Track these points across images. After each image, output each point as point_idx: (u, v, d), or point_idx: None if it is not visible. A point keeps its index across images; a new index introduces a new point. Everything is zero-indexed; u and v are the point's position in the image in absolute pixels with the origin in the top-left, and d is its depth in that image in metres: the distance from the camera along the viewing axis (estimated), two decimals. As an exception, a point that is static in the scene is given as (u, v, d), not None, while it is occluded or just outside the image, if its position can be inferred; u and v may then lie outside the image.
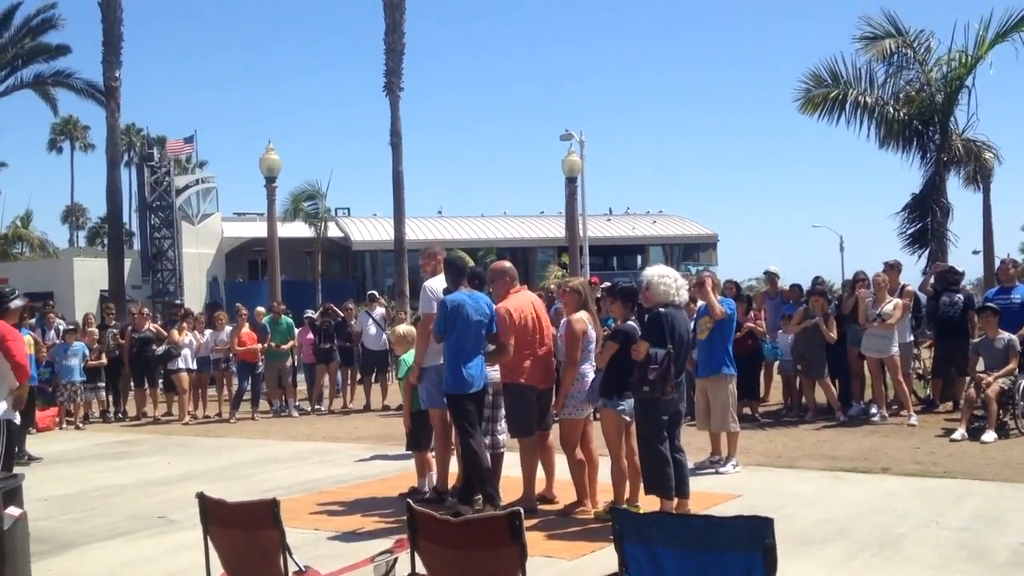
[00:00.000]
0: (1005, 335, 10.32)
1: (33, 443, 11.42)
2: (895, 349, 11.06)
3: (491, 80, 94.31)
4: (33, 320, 14.40)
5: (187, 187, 36.84)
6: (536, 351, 7.11)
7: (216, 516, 3.94)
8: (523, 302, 7.23)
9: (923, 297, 12.47)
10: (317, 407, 15.26)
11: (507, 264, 7.60)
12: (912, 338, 12.08)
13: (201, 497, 3.96)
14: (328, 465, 9.88)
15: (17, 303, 8.07)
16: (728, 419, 8.55)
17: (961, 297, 11.88)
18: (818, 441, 10.10)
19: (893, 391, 11.44)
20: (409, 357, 7.77)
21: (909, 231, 16.23)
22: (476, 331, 6.85)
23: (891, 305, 11.09)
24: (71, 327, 15.26)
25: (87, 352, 14.51)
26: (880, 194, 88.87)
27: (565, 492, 7.27)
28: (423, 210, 44.83)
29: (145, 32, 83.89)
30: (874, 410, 11.38)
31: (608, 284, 9.81)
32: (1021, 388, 10.10)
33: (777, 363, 12.75)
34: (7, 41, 24.59)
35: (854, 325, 11.52)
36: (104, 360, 14.93)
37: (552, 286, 15.03)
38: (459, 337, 6.80)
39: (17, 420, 7.63)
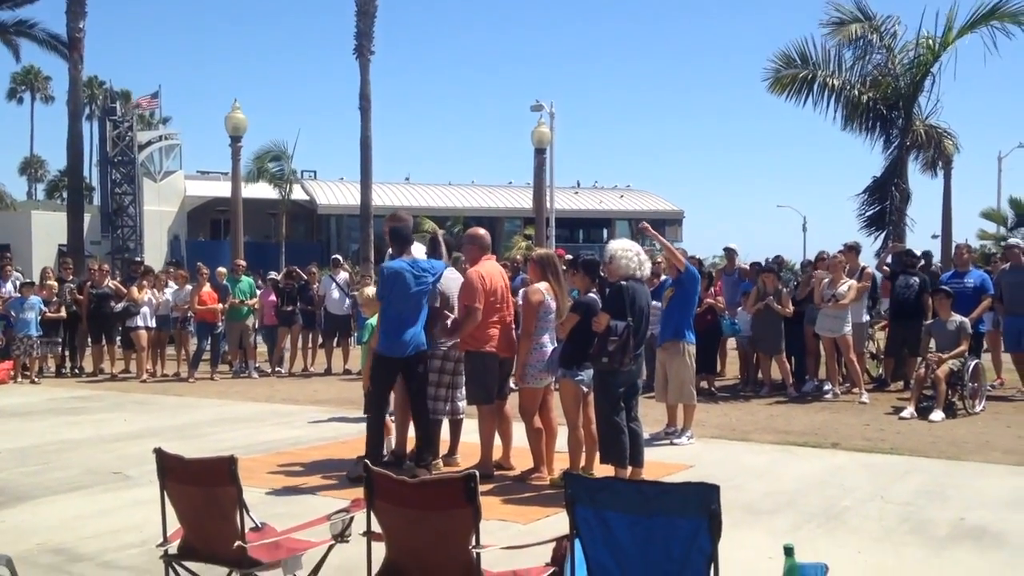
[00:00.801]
0: (957, 318, 10.56)
1: (-13, 397, 11.30)
2: (848, 329, 11.28)
3: (463, 48, 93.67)
4: (-10, 273, 14.18)
5: (150, 143, 36.20)
6: (503, 320, 7.19)
7: (173, 472, 3.96)
8: (493, 270, 7.29)
9: (879, 276, 12.70)
10: (277, 369, 15.23)
11: (482, 231, 7.64)
12: (868, 319, 12.31)
13: (159, 452, 3.97)
14: (287, 427, 9.90)
15: None
16: (685, 391, 8.69)
17: (917, 279, 12.12)
18: (771, 416, 10.30)
19: (846, 369, 11.68)
20: (374, 321, 7.79)
21: (868, 213, 16.48)
22: (416, 299, 6.96)
23: (846, 286, 11.30)
24: (28, 281, 15.04)
25: (43, 306, 14.33)
26: (844, 176, 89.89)
27: (522, 460, 7.37)
28: (390, 176, 44.47)
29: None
30: (827, 387, 11.61)
31: (571, 257, 9.87)
32: (970, 369, 10.37)
33: (733, 338, 12.94)
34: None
35: (810, 304, 11.73)
36: (63, 313, 14.76)
37: (518, 256, 15.05)
38: (396, 303, 6.93)
39: None
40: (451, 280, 7.39)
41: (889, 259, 13.11)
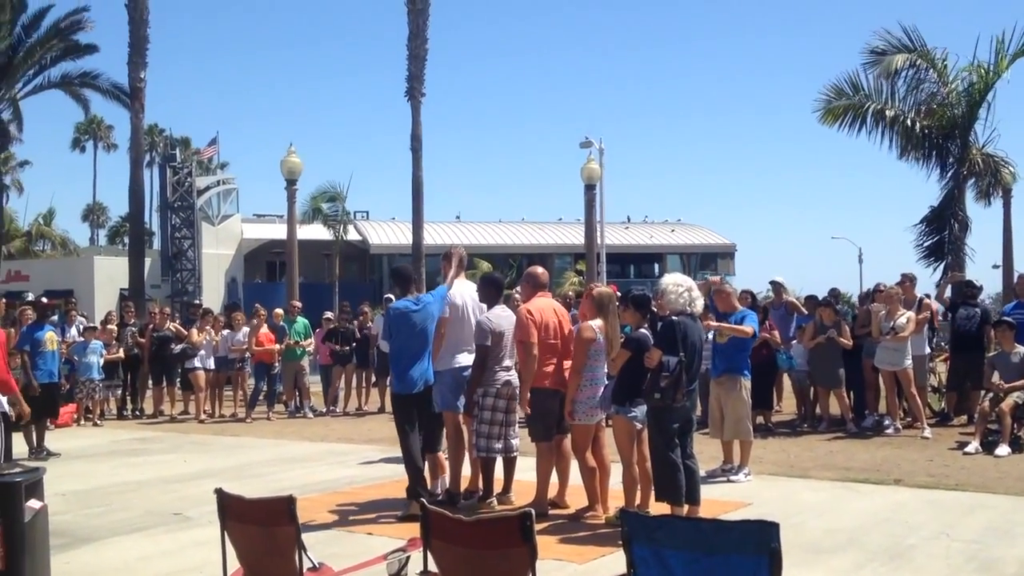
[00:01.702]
0: (1021, 349, 10.29)
1: (52, 439, 11.57)
2: (908, 362, 11.04)
3: (511, 86, 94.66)
4: (55, 317, 14.58)
5: (208, 188, 37.12)
6: (559, 355, 7.19)
7: (233, 511, 4.02)
8: (545, 305, 7.32)
9: (939, 307, 12.44)
10: (332, 408, 15.37)
11: (539, 269, 7.74)
12: (929, 351, 12.05)
13: (219, 492, 4.04)
14: (342, 466, 9.96)
15: None
16: (741, 427, 8.58)
17: (978, 311, 11.86)
18: (831, 452, 10.10)
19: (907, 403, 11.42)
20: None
21: (926, 243, 16.18)
22: (421, 336, 7.20)
23: (904, 318, 11.09)
24: (91, 325, 15.45)
25: (104, 350, 14.69)
26: (899, 206, 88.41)
27: (577, 498, 7.32)
28: (442, 215, 44.98)
29: (170, 33, 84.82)
30: (888, 422, 11.36)
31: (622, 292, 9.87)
32: (1036, 403, 10.07)
33: (791, 373, 12.74)
34: (36, 42, 24.88)
35: (868, 337, 11.52)
36: (121, 354, 15.10)
37: (571, 292, 15.06)
38: (403, 342, 7.22)
39: (7, 410, 7.77)
40: (503, 319, 7.42)
41: (948, 289, 12.84)
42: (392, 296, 17.15)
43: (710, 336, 9.08)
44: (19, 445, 10.42)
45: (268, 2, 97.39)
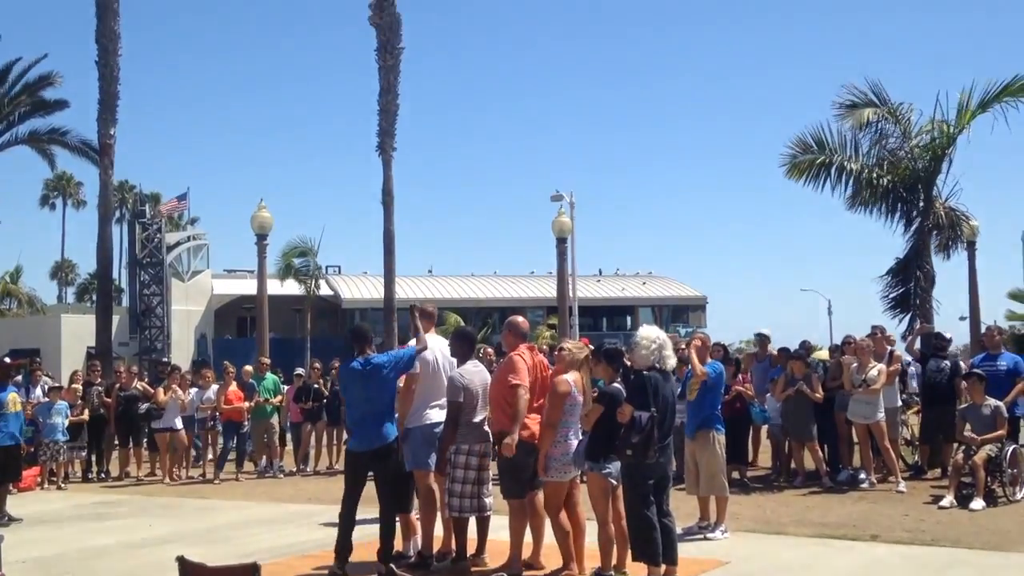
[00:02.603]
0: (992, 402, 10.35)
1: (14, 503, 11.24)
2: (880, 415, 11.07)
3: (482, 141, 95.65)
4: (20, 377, 14.30)
5: (178, 244, 36.98)
6: (538, 409, 7.08)
7: (196, 581, 3.90)
8: (527, 357, 7.23)
9: (907, 357, 12.52)
10: (302, 467, 15.12)
11: (520, 319, 7.61)
12: (900, 403, 12.10)
13: (181, 561, 3.93)
14: (312, 528, 9.75)
15: None
16: (716, 483, 8.52)
17: (948, 363, 11.95)
18: (807, 507, 10.05)
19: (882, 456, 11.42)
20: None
21: (892, 295, 16.33)
22: (374, 394, 7.18)
23: (875, 370, 11.14)
24: (56, 386, 15.15)
25: (69, 411, 14.38)
26: (867, 258, 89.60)
27: (552, 559, 7.19)
28: (414, 269, 44.96)
29: (140, 89, 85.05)
30: (863, 475, 11.35)
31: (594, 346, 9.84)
32: (1008, 455, 10.10)
33: (766, 427, 12.73)
34: (4, 98, 24.78)
35: (840, 390, 11.55)
36: (85, 416, 14.80)
37: (544, 346, 15.03)
38: (351, 400, 7.46)
39: None
40: (475, 374, 7.34)
41: (917, 341, 12.94)
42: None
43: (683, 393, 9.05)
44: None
45: (238, 58, 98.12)
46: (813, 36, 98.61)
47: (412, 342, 7.61)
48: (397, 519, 7.31)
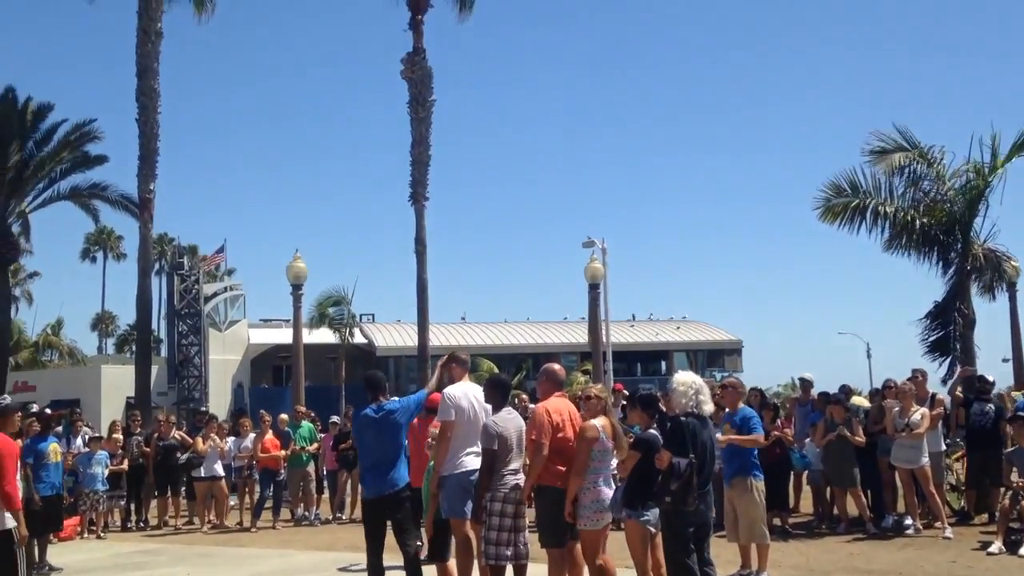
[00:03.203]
0: (1038, 444, 10.11)
1: (54, 552, 11.34)
2: (925, 460, 10.86)
3: (514, 188, 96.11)
4: (60, 428, 14.48)
5: (215, 295, 37.46)
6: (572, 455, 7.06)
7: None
8: (561, 405, 7.23)
9: (948, 400, 12.30)
10: (338, 515, 15.10)
11: (556, 367, 7.65)
12: (944, 447, 11.87)
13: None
14: (350, 576, 9.71)
15: (7, 409, 7.91)
16: (756, 530, 8.39)
17: (992, 406, 11.72)
18: (851, 554, 9.84)
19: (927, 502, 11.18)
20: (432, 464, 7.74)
21: (931, 338, 16.12)
22: (387, 441, 7.33)
23: (918, 414, 10.96)
24: (97, 436, 15.33)
25: (109, 461, 14.53)
26: (906, 300, 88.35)
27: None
28: (447, 316, 45.14)
29: (179, 144, 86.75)
30: (908, 522, 11.10)
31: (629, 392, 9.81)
32: (1058, 499, 9.85)
33: (806, 472, 12.52)
34: (46, 155, 25.39)
35: (883, 435, 11.36)
36: (125, 466, 14.93)
37: (579, 392, 15.01)
38: (364, 447, 7.56)
39: (9, 526, 7.44)
40: (509, 421, 7.32)
41: (960, 386, 12.72)
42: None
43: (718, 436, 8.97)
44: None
45: (273, 112, 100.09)
46: (845, 78, 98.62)
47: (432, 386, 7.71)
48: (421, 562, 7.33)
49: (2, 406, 7.91)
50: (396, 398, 7.78)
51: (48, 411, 13.70)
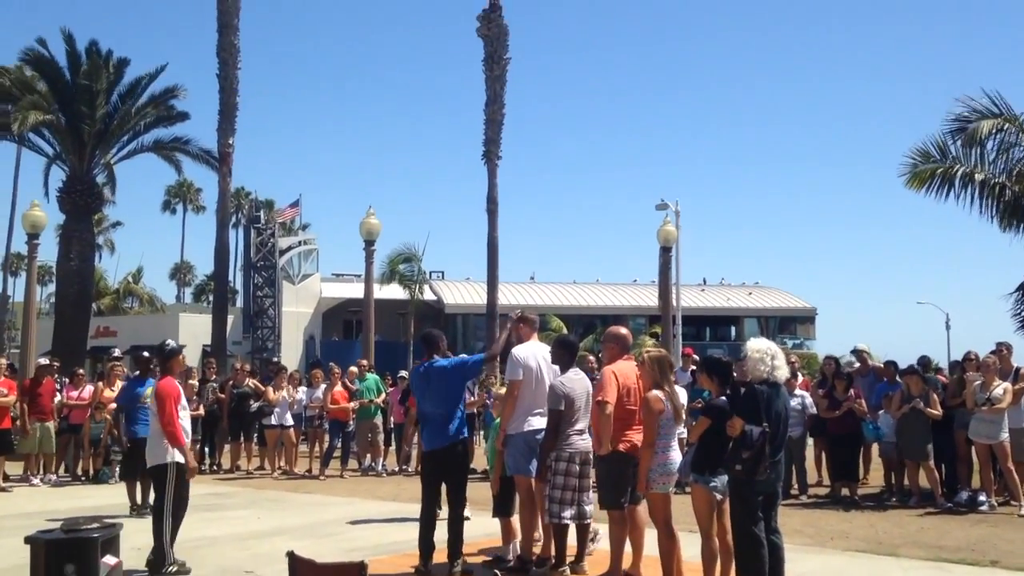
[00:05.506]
0: None
1: (133, 492, 11.72)
2: (1005, 435, 10.53)
3: (587, 148, 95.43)
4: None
5: (290, 248, 38.09)
6: (637, 421, 6.99)
7: (304, 575, 3.98)
8: (628, 369, 7.14)
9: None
10: (404, 467, 15.34)
11: (623, 331, 7.51)
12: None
13: (291, 556, 4.01)
14: (413, 527, 9.80)
15: (174, 351, 8.01)
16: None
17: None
18: (921, 528, 9.62)
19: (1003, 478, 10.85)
20: (499, 421, 7.78)
21: (1022, 313, 15.49)
22: (438, 396, 7.35)
23: (1000, 389, 10.60)
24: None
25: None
26: (990, 271, 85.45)
27: (654, 569, 7.06)
28: (516, 275, 45.16)
29: (258, 100, 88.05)
30: (983, 497, 10.80)
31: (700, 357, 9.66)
32: None
33: (876, 444, 12.24)
34: (132, 109, 25.91)
35: (962, 408, 11.03)
36: (201, 411, 15.36)
37: (644, 355, 14.89)
38: (418, 402, 7.66)
39: (169, 460, 7.66)
40: (576, 382, 7.28)
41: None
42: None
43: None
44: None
45: (350, 70, 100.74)
46: (931, 41, 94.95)
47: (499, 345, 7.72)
48: (465, 519, 7.47)
49: (168, 349, 8.07)
50: (452, 355, 7.79)
51: (145, 354, 14.05)
